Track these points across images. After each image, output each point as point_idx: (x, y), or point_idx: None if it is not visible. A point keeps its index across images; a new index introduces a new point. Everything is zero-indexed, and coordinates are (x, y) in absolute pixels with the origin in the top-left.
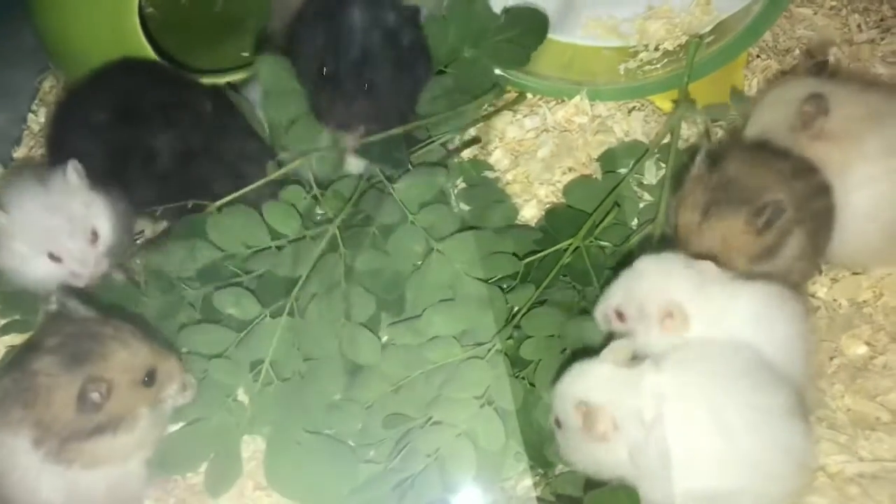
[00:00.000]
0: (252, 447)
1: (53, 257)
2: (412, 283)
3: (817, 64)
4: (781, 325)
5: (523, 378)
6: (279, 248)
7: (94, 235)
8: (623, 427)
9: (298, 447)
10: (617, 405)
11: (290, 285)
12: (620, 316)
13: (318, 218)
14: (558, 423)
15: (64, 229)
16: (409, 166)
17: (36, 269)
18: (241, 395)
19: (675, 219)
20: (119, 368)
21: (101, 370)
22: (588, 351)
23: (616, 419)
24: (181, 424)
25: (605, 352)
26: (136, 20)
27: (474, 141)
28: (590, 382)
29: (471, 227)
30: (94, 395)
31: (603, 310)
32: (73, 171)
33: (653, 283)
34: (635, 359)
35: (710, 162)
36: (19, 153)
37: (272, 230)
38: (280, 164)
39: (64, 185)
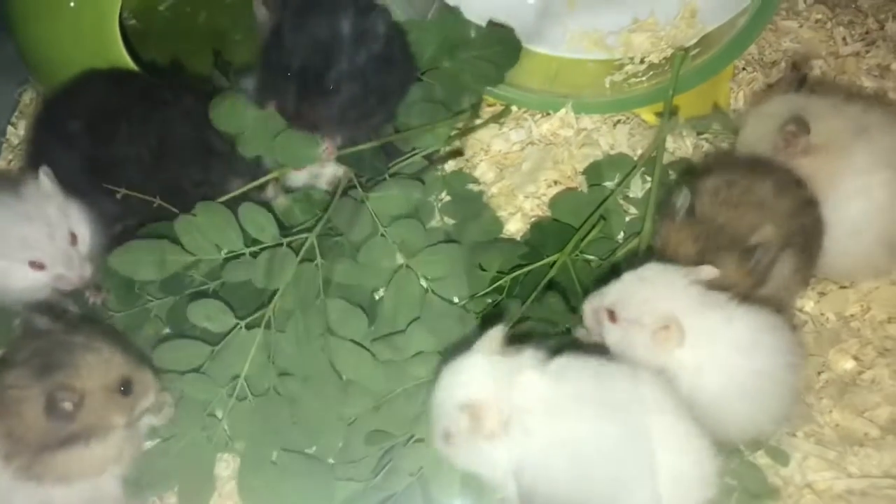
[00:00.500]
0: (233, 466)
1: (35, 265)
2: (385, 295)
3: (798, 78)
4: (774, 357)
5: None
6: (254, 254)
7: (74, 238)
8: (510, 425)
9: (273, 465)
10: (501, 399)
11: (262, 293)
12: (612, 315)
13: (295, 228)
14: (447, 435)
15: (42, 234)
16: (386, 175)
17: (19, 280)
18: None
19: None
20: (91, 376)
21: (72, 378)
22: None
23: (503, 415)
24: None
25: (478, 342)
26: (117, 33)
27: (456, 153)
28: (469, 378)
29: (449, 241)
30: (65, 404)
31: (595, 305)
32: (44, 177)
33: (655, 292)
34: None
35: (691, 205)
36: None
37: (247, 235)
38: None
39: (37, 192)
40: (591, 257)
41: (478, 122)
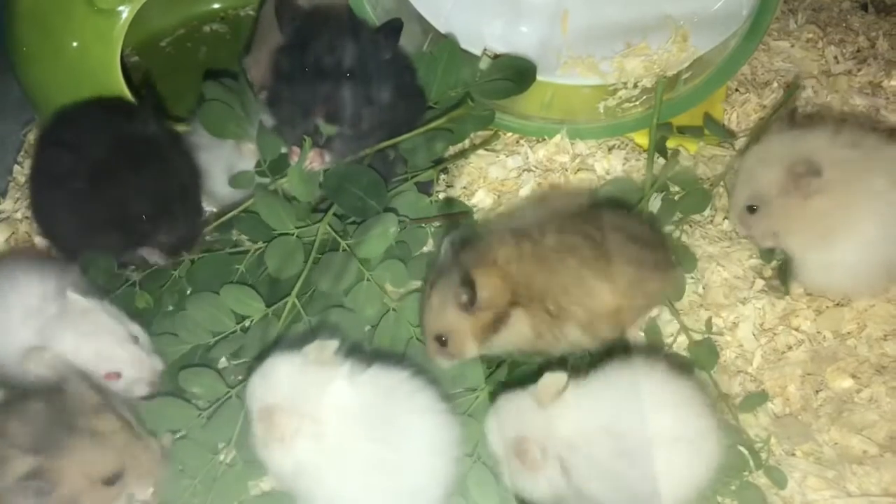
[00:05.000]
0: None
1: (111, 375)
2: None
3: (789, 113)
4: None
5: None
6: (245, 330)
7: (135, 338)
8: (301, 431)
9: None
10: (299, 406)
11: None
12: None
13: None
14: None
15: (112, 344)
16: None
17: None
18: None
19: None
20: (76, 466)
21: (53, 463)
22: None
23: (296, 420)
24: None
25: (308, 347)
26: (119, 72)
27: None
28: (276, 380)
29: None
30: (37, 485)
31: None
32: (75, 297)
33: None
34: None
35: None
36: (5, 205)
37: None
38: None
39: (84, 306)
40: None
41: (466, 147)
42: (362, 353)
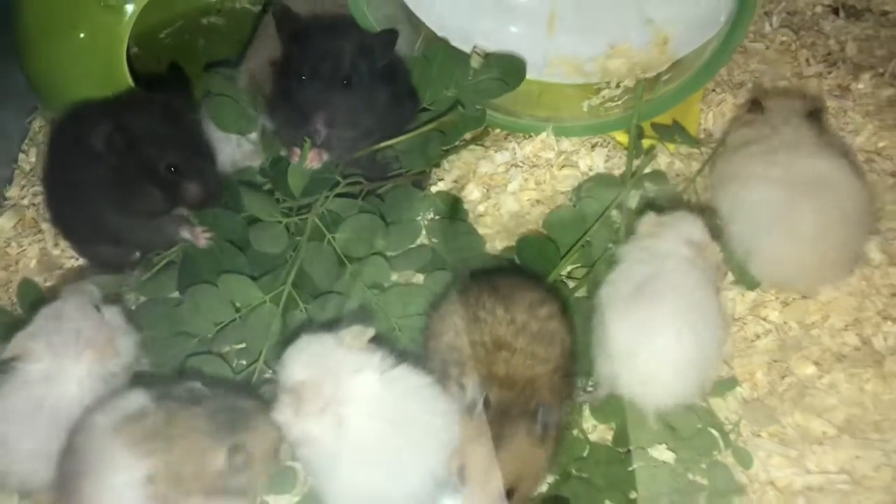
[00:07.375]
0: None
1: None
2: None
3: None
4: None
5: None
6: (243, 318)
7: None
8: (326, 412)
9: None
10: (327, 386)
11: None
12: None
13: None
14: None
15: None
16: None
17: None
18: None
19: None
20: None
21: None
22: None
23: (322, 400)
24: None
25: (343, 332)
26: (125, 63)
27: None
28: (309, 358)
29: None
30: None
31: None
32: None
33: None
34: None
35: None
36: (11, 192)
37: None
38: None
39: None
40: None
41: (460, 143)
42: None
